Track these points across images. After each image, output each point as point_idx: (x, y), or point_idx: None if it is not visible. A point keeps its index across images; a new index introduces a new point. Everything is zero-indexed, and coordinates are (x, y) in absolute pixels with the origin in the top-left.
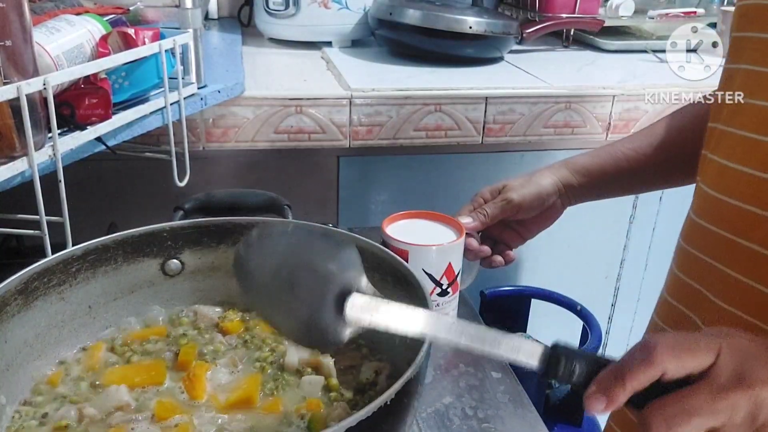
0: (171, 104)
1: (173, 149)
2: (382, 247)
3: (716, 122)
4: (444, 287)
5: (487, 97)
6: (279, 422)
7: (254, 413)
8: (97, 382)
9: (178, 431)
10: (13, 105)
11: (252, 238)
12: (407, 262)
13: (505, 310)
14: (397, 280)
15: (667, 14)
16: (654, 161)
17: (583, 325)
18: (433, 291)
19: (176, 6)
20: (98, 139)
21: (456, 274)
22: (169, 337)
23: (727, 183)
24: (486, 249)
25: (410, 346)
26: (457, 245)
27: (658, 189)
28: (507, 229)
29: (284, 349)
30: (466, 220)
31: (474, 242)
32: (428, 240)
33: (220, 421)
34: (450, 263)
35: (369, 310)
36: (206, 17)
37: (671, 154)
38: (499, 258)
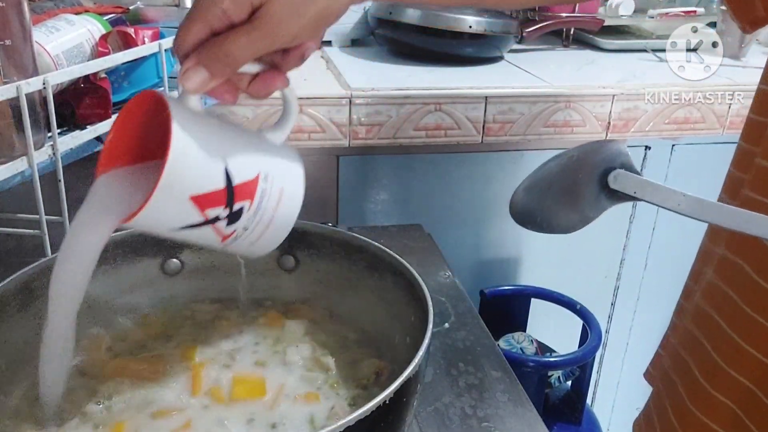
0: None
1: None
2: (382, 247)
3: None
4: (227, 213)
5: (486, 97)
6: (278, 419)
7: (254, 409)
8: (96, 381)
9: (178, 427)
10: (13, 104)
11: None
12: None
13: (505, 309)
14: (396, 279)
15: (667, 14)
16: None
17: (583, 325)
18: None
19: (176, 5)
20: (98, 138)
21: (228, 181)
22: (169, 336)
23: None
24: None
25: (410, 345)
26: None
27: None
28: None
29: (284, 346)
30: (194, 86)
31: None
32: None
33: (220, 416)
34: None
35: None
36: None
37: None
38: (279, 78)
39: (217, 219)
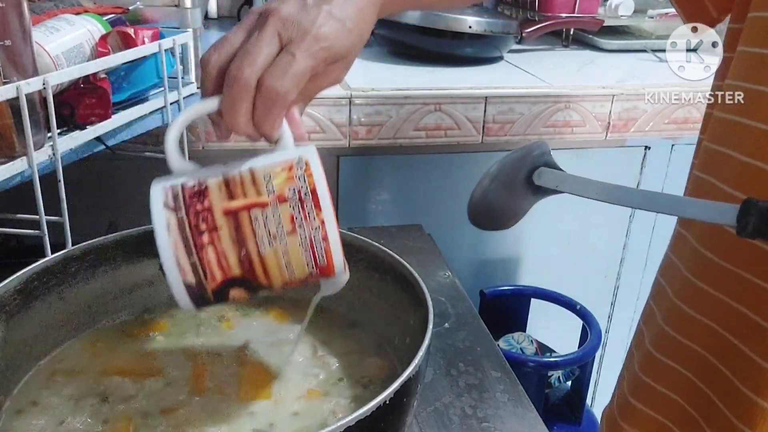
0: (171, 104)
1: None
2: (381, 246)
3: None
4: None
5: (486, 97)
6: (279, 417)
7: (255, 407)
8: (100, 379)
9: (182, 424)
10: (13, 105)
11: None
12: None
13: (505, 309)
14: (396, 279)
15: (666, 14)
16: None
17: (583, 324)
18: None
19: (176, 6)
20: (98, 138)
21: None
22: (172, 335)
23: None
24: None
25: (410, 345)
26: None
27: None
28: None
29: (286, 346)
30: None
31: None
32: None
33: (223, 414)
34: None
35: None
36: (206, 17)
37: None
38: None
39: None
